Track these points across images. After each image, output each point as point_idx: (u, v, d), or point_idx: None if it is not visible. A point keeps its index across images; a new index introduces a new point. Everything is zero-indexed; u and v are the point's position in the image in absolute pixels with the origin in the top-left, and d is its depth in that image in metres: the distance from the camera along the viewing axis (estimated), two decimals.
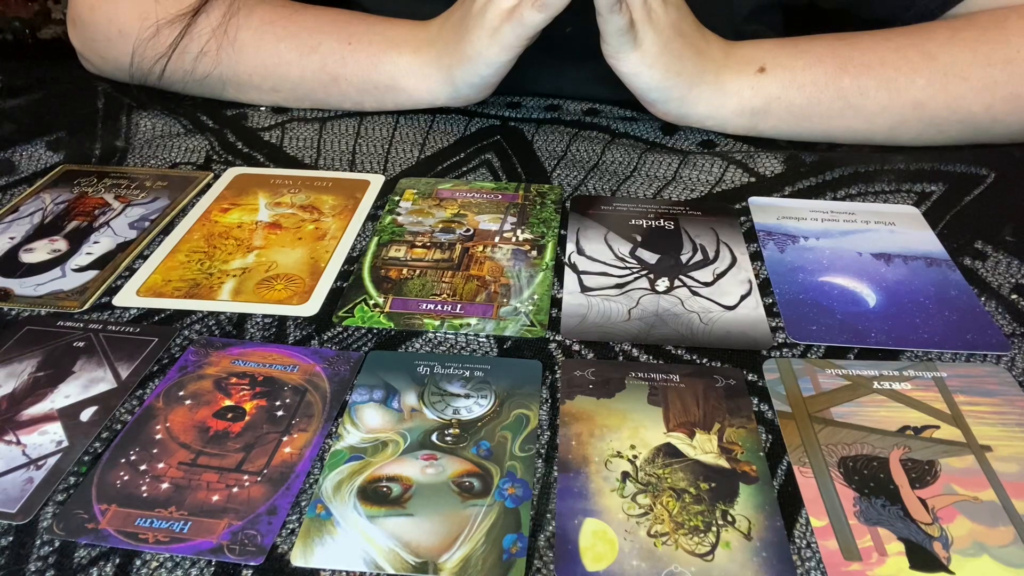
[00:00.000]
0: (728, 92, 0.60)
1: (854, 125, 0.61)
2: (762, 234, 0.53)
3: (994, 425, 0.39)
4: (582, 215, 0.55)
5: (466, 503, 0.35)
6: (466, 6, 0.59)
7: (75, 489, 0.36)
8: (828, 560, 0.33)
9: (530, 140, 0.64)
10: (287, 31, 0.64)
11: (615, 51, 0.57)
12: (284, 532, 0.34)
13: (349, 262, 0.50)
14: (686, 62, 0.58)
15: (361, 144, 0.63)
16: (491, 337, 0.44)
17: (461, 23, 0.59)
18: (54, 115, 0.68)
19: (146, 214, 0.55)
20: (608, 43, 0.57)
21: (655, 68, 0.58)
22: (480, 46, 0.58)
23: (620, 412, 0.40)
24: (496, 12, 0.56)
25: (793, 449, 0.38)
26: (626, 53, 0.57)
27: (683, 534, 0.34)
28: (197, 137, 0.64)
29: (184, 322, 0.45)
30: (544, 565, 0.33)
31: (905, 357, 0.43)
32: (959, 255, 0.51)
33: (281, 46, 0.64)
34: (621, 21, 0.54)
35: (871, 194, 0.57)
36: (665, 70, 0.58)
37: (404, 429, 0.39)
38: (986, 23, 0.60)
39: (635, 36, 0.56)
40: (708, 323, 0.45)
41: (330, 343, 0.44)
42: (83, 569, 0.33)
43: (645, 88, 0.59)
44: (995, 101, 0.59)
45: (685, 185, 0.59)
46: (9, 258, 0.50)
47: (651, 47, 0.57)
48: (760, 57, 0.60)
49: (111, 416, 0.39)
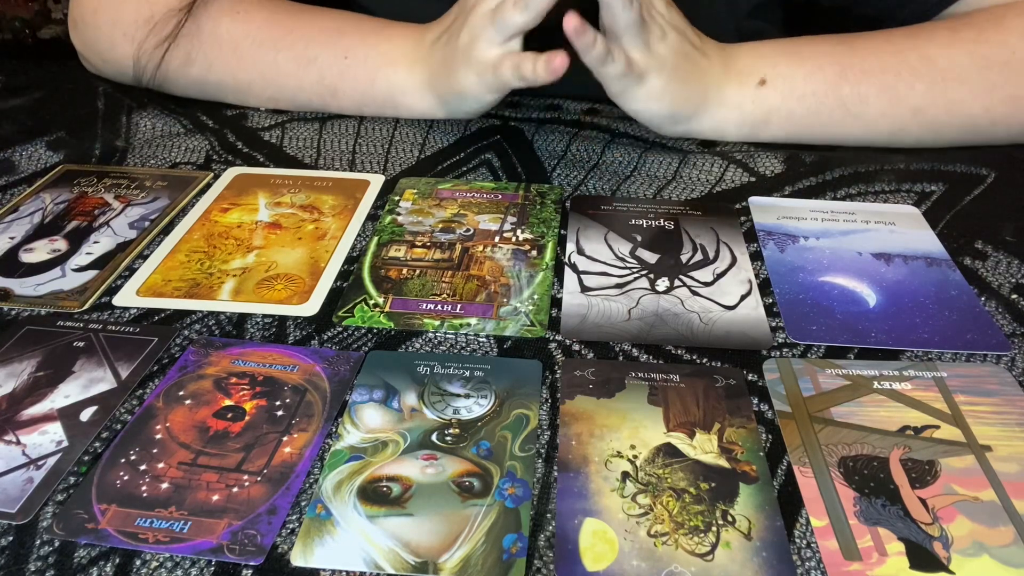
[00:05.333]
0: (730, 106, 0.60)
1: (854, 132, 0.61)
2: (762, 234, 0.53)
3: (994, 425, 0.39)
4: (582, 215, 0.55)
5: (466, 503, 0.35)
6: (453, 34, 0.58)
7: (75, 489, 0.36)
8: (828, 560, 0.33)
9: (530, 140, 0.64)
10: (285, 41, 0.63)
11: (619, 92, 0.57)
12: (284, 532, 0.34)
13: (349, 262, 0.50)
14: (691, 86, 0.58)
15: (361, 144, 0.63)
16: (491, 337, 0.44)
17: (450, 58, 0.58)
18: (54, 115, 0.68)
19: (146, 214, 0.55)
20: (611, 88, 0.56)
21: (663, 100, 0.57)
22: (467, 84, 0.58)
23: (620, 412, 0.40)
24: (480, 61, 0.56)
25: (793, 449, 0.38)
26: (632, 92, 0.57)
27: (683, 534, 0.34)
28: (197, 137, 0.64)
29: (184, 322, 0.45)
30: (544, 565, 0.33)
31: (905, 357, 0.43)
32: (959, 255, 0.51)
33: (279, 57, 0.64)
34: (617, 68, 0.54)
35: (871, 194, 0.57)
36: (672, 99, 0.58)
37: (404, 429, 0.39)
38: (984, 23, 0.60)
39: (638, 74, 0.56)
40: (708, 323, 0.45)
41: (330, 343, 0.44)
42: (83, 569, 0.33)
43: (653, 118, 0.59)
44: (994, 103, 0.59)
45: (685, 185, 0.59)
46: (9, 258, 0.50)
47: (656, 82, 0.56)
48: (760, 68, 0.60)
49: (111, 416, 0.39)
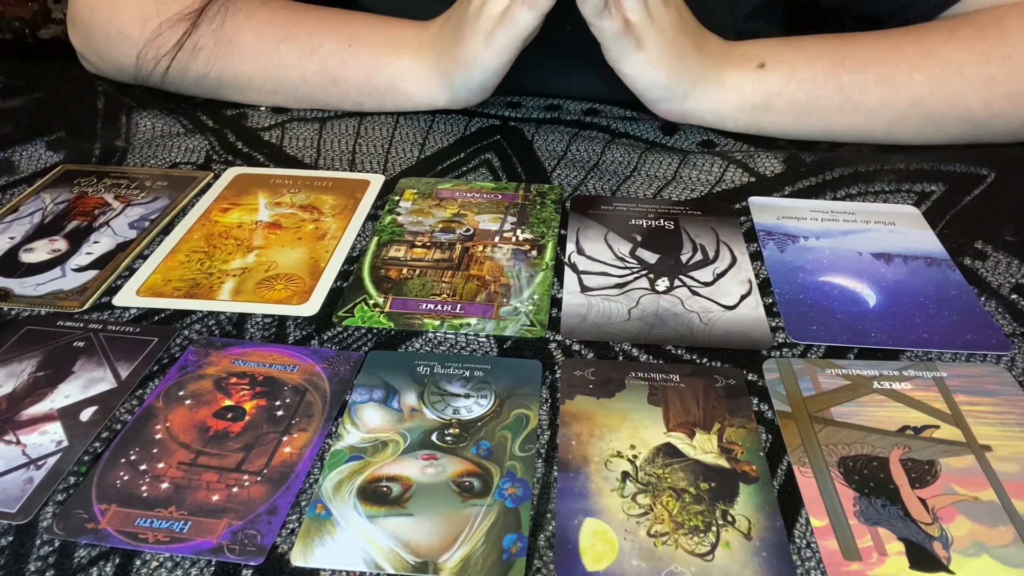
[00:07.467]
0: (729, 88, 0.60)
1: (854, 122, 0.61)
2: (762, 234, 0.53)
3: (994, 425, 0.39)
4: (582, 215, 0.55)
5: (466, 503, 0.35)
6: (462, 9, 0.59)
7: (75, 489, 0.36)
8: (828, 560, 0.33)
9: (530, 140, 0.64)
10: (287, 33, 0.64)
11: (617, 55, 0.57)
12: (284, 532, 0.34)
13: (349, 262, 0.50)
14: (689, 59, 0.58)
15: (361, 144, 0.63)
16: (491, 337, 0.44)
17: (457, 27, 0.59)
18: (54, 115, 0.68)
19: (146, 214, 0.55)
20: (609, 49, 0.57)
21: (659, 68, 0.58)
22: (475, 51, 0.58)
23: (620, 412, 0.40)
24: (489, 16, 0.57)
25: (793, 449, 0.38)
26: (629, 55, 0.57)
27: (683, 534, 0.34)
28: (197, 137, 0.64)
29: (184, 322, 0.45)
30: (544, 565, 0.33)
31: (905, 357, 0.43)
32: (959, 255, 0.51)
33: (281, 48, 0.64)
34: (613, 25, 0.54)
35: (871, 194, 0.57)
36: (669, 69, 0.58)
37: (404, 429, 0.39)
38: (984, 22, 0.60)
39: (636, 38, 0.56)
40: (708, 323, 0.45)
41: (330, 343, 0.44)
42: (83, 569, 0.33)
43: (649, 88, 0.59)
44: (993, 98, 0.59)
45: (685, 185, 0.59)
46: (9, 258, 0.50)
47: (654, 47, 0.57)
48: (759, 54, 0.60)
49: (111, 416, 0.39)
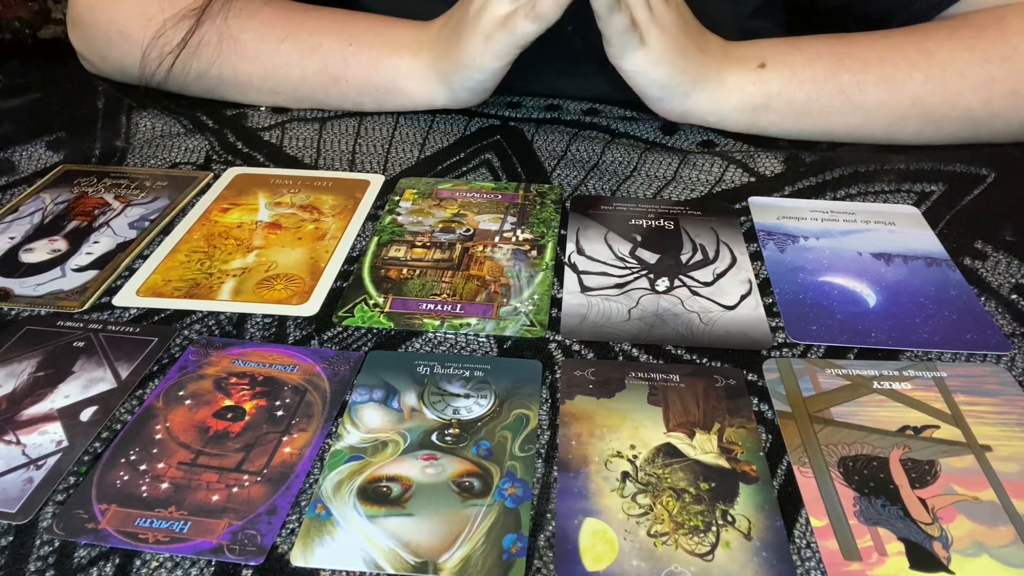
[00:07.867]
0: (730, 87, 0.60)
1: (853, 121, 0.61)
2: (762, 234, 0.53)
3: (994, 425, 0.39)
4: (582, 215, 0.55)
5: (466, 503, 0.35)
6: (463, 10, 0.59)
7: (75, 489, 0.36)
8: (828, 560, 0.33)
9: (530, 140, 0.64)
10: (288, 32, 0.64)
11: (620, 52, 0.57)
12: (284, 532, 0.34)
13: (349, 262, 0.50)
14: (690, 58, 0.59)
15: (361, 144, 0.63)
16: (491, 337, 0.44)
17: (457, 28, 0.59)
18: (54, 115, 0.68)
19: (146, 214, 0.55)
20: (612, 44, 0.57)
21: (661, 65, 0.58)
22: (474, 52, 0.58)
23: (620, 412, 0.40)
24: (490, 19, 0.57)
25: (793, 449, 0.38)
26: (631, 52, 0.57)
27: (683, 534, 0.34)
28: (197, 137, 0.64)
29: (184, 322, 0.45)
30: (544, 565, 0.33)
31: (905, 357, 0.43)
32: (959, 255, 0.51)
33: (282, 47, 0.64)
34: (622, 21, 0.55)
35: (871, 194, 0.57)
36: (671, 66, 0.58)
37: (404, 429, 0.39)
38: (984, 22, 0.60)
39: (639, 35, 0.56)
40: (708, 323, 0.45)
41: (330, 343, 0.44)
42: (83, 569, 0.33)
43: (650, 86, 0.59)
44: (993, 97, 0.59)
45: (685, 185, 0.58)
46: (9, 258, 0.50)
47: (656, 44, 0.57)
48: (760, 54, 0.61)
49: (111, 416, 0.39)
